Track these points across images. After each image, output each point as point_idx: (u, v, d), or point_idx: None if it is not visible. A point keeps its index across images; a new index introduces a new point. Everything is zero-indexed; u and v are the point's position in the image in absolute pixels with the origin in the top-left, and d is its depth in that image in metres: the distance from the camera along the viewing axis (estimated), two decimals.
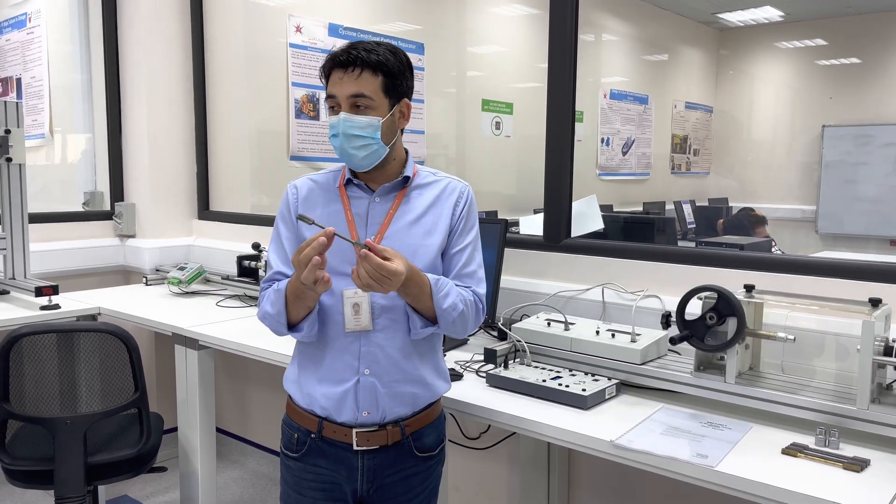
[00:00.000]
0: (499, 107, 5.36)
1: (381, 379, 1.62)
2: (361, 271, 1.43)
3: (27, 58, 4.02)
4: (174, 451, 2.94)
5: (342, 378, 1.62)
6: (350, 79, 1.56)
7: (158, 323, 2.81)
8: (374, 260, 1.43)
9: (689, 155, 7.67)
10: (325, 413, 1.64)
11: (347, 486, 1.67)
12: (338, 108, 1.59)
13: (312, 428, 1.66)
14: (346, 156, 1.61)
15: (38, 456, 2.30)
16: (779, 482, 1.40)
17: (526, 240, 2.66)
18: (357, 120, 1.57)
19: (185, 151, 3.87)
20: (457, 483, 2.86)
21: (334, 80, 1.59)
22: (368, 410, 1.62)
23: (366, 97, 1.57)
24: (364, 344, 1.62)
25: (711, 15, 7.62)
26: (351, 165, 1.64)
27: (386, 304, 1.61)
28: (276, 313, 1.61)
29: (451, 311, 1.59)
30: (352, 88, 1.56)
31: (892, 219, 6.82)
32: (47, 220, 3.55)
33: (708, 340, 1.78)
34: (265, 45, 3.92)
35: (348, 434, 1.63)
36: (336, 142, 1.59)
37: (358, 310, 1.60)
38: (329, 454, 1.66)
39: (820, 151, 7.35)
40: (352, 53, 1.57)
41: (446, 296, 1.58)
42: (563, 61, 2.49)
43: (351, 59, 1.56)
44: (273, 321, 1.63)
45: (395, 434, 1.65)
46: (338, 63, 1.58)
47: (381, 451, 1.65)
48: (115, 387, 2.31)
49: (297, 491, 1.71)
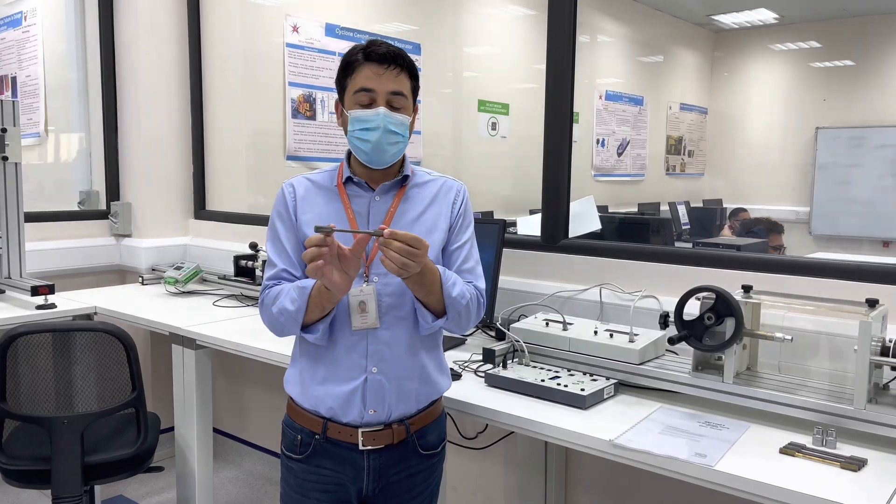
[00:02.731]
0: (495, 107, 5.37)
1: (388, 376, 1.62)
2: (391, 254, 1.42)
3: (22, 56, 4.01)
4: (171, 451, 2.93)
5: (349, 377, 1.62)
6: (391, 76, 1.58)
7: (155, 322, 2.80)
8: (399, 234, 1.42)
9: (683, 156, 7.69)
10: (331, 413, 1.63)
11: (352, 486, 1.67)
12: (372, 102, 1.58)
13: (317, 429, 1.65)
14: (378, 150, 1.59)
15: (34, 455, 2.29)
16: (777, 481, 1.41)
17: (524, 240, 2.67)
18: (395, 117, 1.59)
19: (182, 150, 3.86)
20: (454, 483, 2.86)
21: (369, 74, 1.58)
22: (375, 409, 1.62)
23: (403, 96, 1.60)
24: (371, 342, 1.61)
25: (706, 17, 7.64)
26: (377, 161, 1.62)
27: (392, 302, 1.61)
28: (296, 310, 1.56)
29: (460, 300, 1.60)
30: (392, 86, 1.58)
31: (884, 220, 6.86)
32: (43, 220, 3.54)
33: (706, 341, 1.79)
34: (262, 44, 3.92)
35: (354, 434, 1.63)
36: (372, 135, 1.57)
37: (364, 308, 1.60)
38: (334, 455, 1.65)
39: (813, 153, 7.39)
40: (391, 50, 1.58)
41: (454, 285, 1.60)
42: (561, 62, 2.49)
43: (392, 57, 1.58)
44: (289, 318, 1.58)
45: (401, 432, 1.65)
46: (376, 57, 1.58)
47: (386, 451, 1.65)
48: (111, 386, 2.30)
49: (300, 493, 1.70)
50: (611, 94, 6.46)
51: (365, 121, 1.57)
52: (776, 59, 7.91)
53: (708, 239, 5.14)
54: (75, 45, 3.90)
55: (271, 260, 1.68)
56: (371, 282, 1.61)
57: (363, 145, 1.59)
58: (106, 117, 3.82)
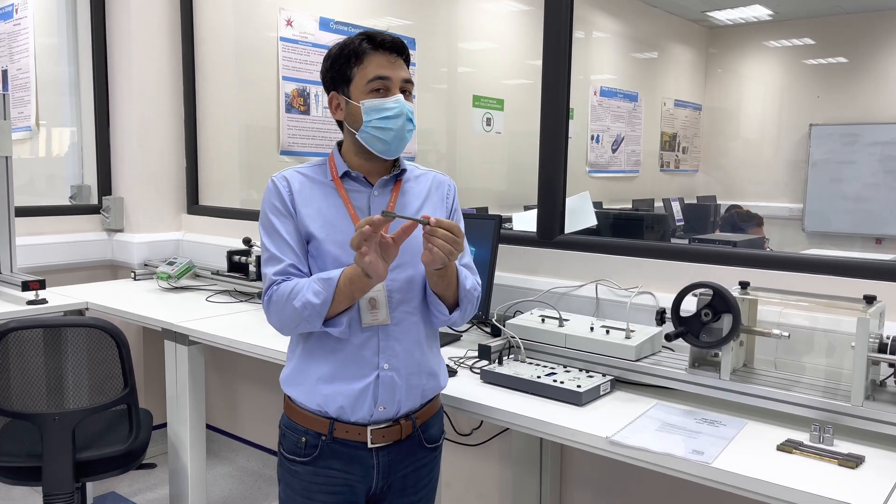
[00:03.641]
0: (490, 103, 5.35)
1: (399, 372, 1.60)
2: (439, 241, 1.42)
3: (13, 49, 3.97)
4: (163, 448, 2.91)
5: (361, 374, 1.58)
6: (402, 64, 1.59)
7: (147, 318, 2.78)
8: (444, 222, 1.43)
9: (677, 153, 7.69)
10: (339, 413, 1.59)
11: (361, 485, 1.64)
12: (388, 91, 1.56)
13: (323, 430, 1.60)
14: (399, 139, 1.57)
15: (25, 452, 2.27)
16: (775, 479, 1.40)
17: (519, 236, 2.66)
18: (411, 105, 1.59)
19: (174, 145, 3.83)
20: (448, 479, 2.85)
21: (383, 62, 1.56)
22: (385, 405, 1.59)
23: (412, 84, 1.61)
24: (382, 338, 1.59)
25: (701, 13, 7.64)
26: (395, 150, 1.59)
27: (401, 297, 1.60)
28: (322, 303, 1.50)
29: (473, 292, 1.62)
30: (405, 74, 1.59)
31: (877, 217, 6.87)
32: (34, 214, 3.51)
33: (703, 337, 1.78)
34: (256, 38, 3.89)
35: (362, 433, 1.59)
36: (395, 123, 1.54)
37: (375, 304, 1.57)
38: (342, 455, 1.61)
39: (807, 150, 7.39)
40: (397, 39, 1.58)
41: (466, 278, 1.61)
42: (557, 58, 2.48)
43: (400, 46, 1.58)
44: (314, 312, 1.50)
45: (408, 427, 1.64)
46: (387, 46, 1.56)
47: (395, 446, 1.64)
48: (103, 382, 2.29)
49: (305, 496, 1.64)
50: (605, 91, 6.45)
51: (386, 109, 1.54)
52: (770, 55, 7.91)
53: (704, 235, 5.13)
54: (67, 39, 3.87)
55: (274, 255, 1.59)
56: None
57: (384, 134, 1.55)
58: (98, 111, 3.79)
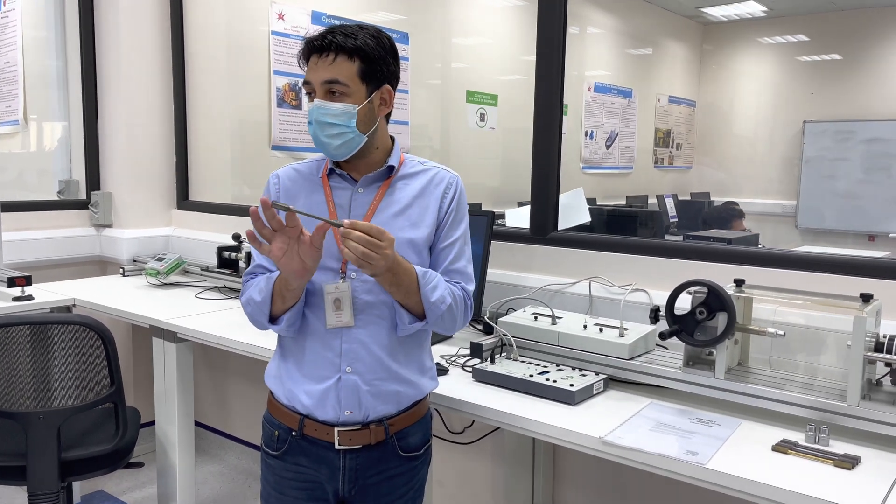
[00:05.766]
0: (483, 98, 5.32)
1: (364, 377, 1.57)
2: (351, 244, 1.38)
3: (1, 42, 3.91)
4: (151, 446, 2.88)
5: (323, 375, 1.57)
6: (325, 64, 1.51)
7: (136, 315, 2.75)
8: (358, 224, 1.39)
9: (672, 149, 7.67)
10: (307, 410, 1.59)
11: (329, 485, 1.62)
12: (314, 94, 1.54)
13: (294, 425, 1.61)
14: (320, 144, 1.55)
15: (9, 451, 2.24)
16: (770, 480, 1.38)
17: (512, 232, 2.63)
18: (331, 107, 1.52)
19: (164, 140, 3.79)
20: (440, 478, 2.83)
21: (310, 66, 1.54)
22: (351, 409, 1.57)
23: (340, 83, 1.51)
24: (346, 341, 1.57)
25: (695, 9, 7.62)
26: (326, 154, 1.59)
27: (369, 300, 1.56)
28: (261, 301, 1.57)
29: (440, 305, 1.54)
30: (326, 74, 1.51)
31: (870, 214, 6.88)
32: (21, 209, 3.46)
33: (697, 335, 1.76)
34: (247, 32, 3.85)
35: (330, 433, 1.58)
36: (311, 129, 1.54)
37: (339, 305, 1.55)
38: (310, 453, 1.61)
39: (801, 147, 7.39)
40: (327, 38, 1.51)
41: (434, 288, 1.53)
42: (551, 53, 2.45)
43: (326, 44, 1.51)
44: (256, 309, 1.59)
45: (379, 433, 1.60)
46: (313, 48, 1.53)
47: (363, 451, 1.60)
48: (90, 380, 2.26)
49: (277, 490, 1.66)
50: (599, 87, 6.43)
51: (308, 115, 1.55)
52: (764, 52, 7.90)
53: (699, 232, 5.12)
54: (55, 32, 3.82)
55: (252, 254, 1.66)
56: (348, 279, 1.56)
57: (315, 141, 1.56)
58: (86, 105, 3.75)
